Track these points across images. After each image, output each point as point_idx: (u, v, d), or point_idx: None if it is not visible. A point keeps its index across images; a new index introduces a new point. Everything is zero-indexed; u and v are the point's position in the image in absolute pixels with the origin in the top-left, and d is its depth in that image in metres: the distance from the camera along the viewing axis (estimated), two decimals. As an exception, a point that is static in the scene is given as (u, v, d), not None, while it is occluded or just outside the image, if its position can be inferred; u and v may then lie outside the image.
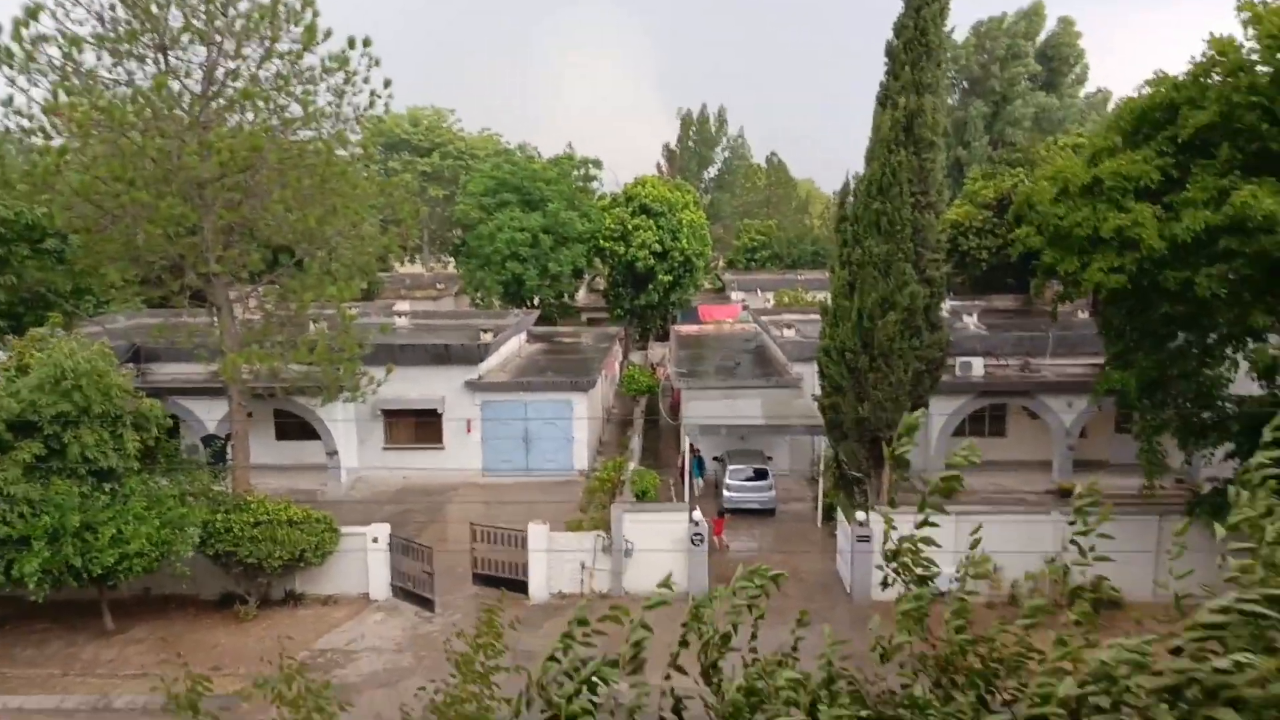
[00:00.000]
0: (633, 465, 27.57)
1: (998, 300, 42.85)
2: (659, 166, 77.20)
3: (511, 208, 44.28)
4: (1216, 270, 16.26)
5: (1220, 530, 3.31)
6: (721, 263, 70.15)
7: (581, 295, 56.86)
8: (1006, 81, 63.71)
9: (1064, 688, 2.89)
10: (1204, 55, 17.60)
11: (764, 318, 42.24)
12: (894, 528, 4.36)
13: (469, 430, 30.64)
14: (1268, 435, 3.73)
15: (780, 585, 4.33)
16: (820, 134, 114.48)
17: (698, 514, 22.32)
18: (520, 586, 22.07)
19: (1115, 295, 18.88)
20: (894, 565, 4.28)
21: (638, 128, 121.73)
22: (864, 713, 3.39)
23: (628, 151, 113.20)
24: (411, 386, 29.89)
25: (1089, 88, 67.60)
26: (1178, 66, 18.43)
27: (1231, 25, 17.64)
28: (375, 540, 22.13)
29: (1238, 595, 2.71)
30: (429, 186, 63.03)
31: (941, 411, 28.25)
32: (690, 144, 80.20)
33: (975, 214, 44.12)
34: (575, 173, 48.57)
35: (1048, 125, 61.62)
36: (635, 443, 31.14)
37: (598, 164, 49.53)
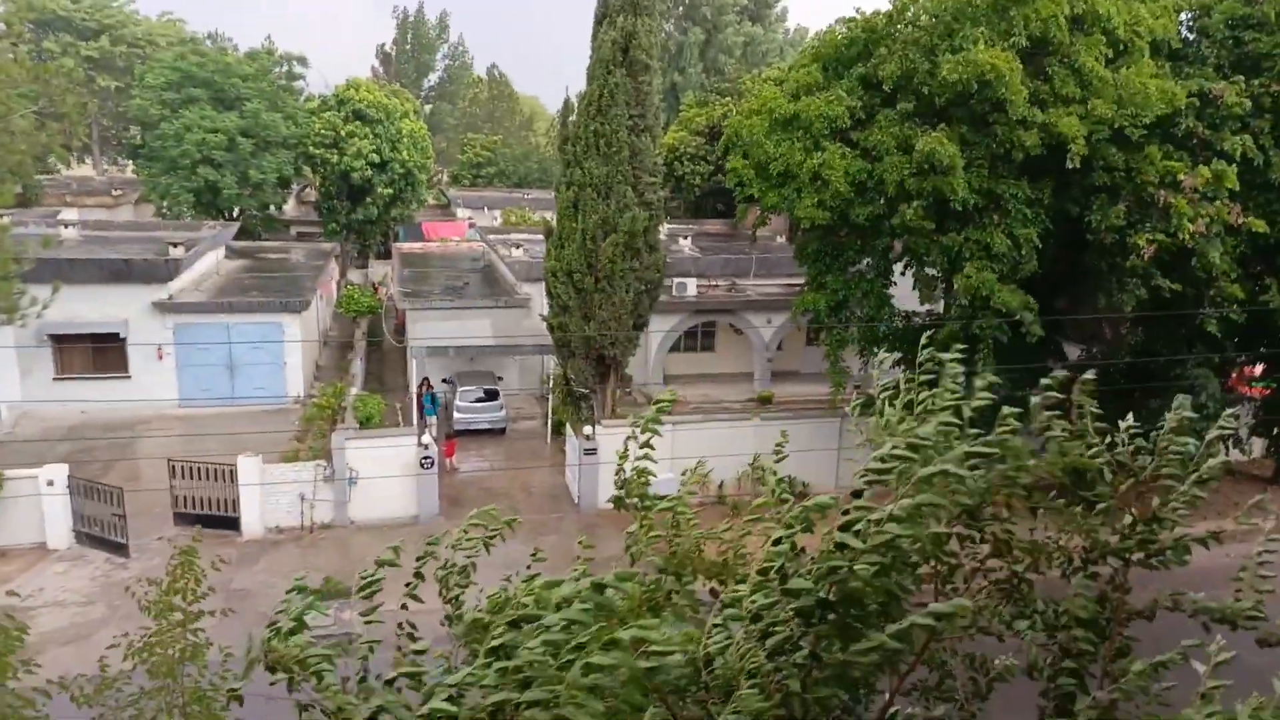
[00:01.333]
0: (355, 390, 26.42)
1: (709, 224, 45.52)
2: (374, 70, 72.20)
3: (201, 105, 39.37)
4: (912, 208, 18.45)
5: (869, 429, 4.22)
6: (446, 178, 67.79)
7: (290, 207, 52.41)
8: (717, 9, 66.50)
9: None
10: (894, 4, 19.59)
11: (491, 236, 41.68)
12: (622, 463, 4.84)
13: (160, 357, 27.52)
14: (922, 352, 4.45)
15: (514, 528, 4.50)
16: (546, 47, 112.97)
17: (427, 437, 21.99)
18: (231, 523, 20.60)
19: (811, 226, 20.85)
20: (624, 493, 4.82)
21: (348, 25, 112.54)
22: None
23: (337, 51, 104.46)
24: (87, 308, 26.17)
25: (790, 24, 72.47)
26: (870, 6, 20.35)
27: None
28: (50, 483, 19.48)
29: (882, 452, 3.44)
30: (98, 76, 54.25)
31: (659, 328, 29.83)
32: (407, 48, 75.69)
33: (689, 140, 46.21)
34: (277, 70, 44.10)
35: (754, 57, 65.41)
36: (357, 366, 29.80)
37: (303, 61, 45.39)
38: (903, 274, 21.52)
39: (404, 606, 4.67)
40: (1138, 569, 4.33)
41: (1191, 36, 19.84)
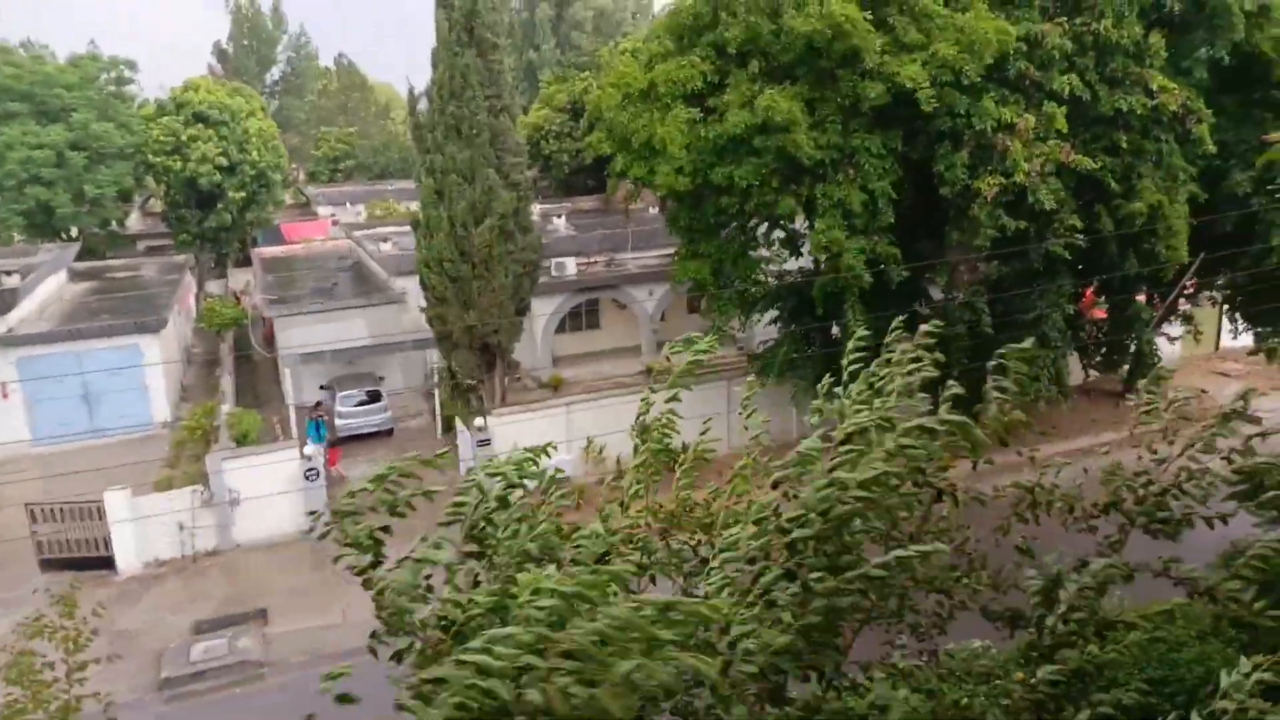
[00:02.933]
0: (227, 408, 25.12)
1: (582, 201, 45.30)
2: (211, 68, 68.18)
3: (23, 120, 36.27)
4: (752, 165, 18.79)
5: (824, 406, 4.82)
6: (302, 176, 64.96)
7: (135, 221, 49.15)
8: (565, -16, 65.85)
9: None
10: None
11: (358, 232, 40.24)
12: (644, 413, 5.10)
13: (4, 395, 25.42)
14: (849, 350, 4.84)
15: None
16: (395, 31, 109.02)
17: (310, 448, 21.17)
18: (106, 563, 19.35)
19: (677, 194, 21.00)
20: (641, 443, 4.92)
21: (178, 24, 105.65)
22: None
23: (170, 51, 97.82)
24: (-89, 351, 23.89)
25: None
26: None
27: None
28: (-110, 548, 17.76)
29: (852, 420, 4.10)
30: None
31: (543, 311, 29.59)
32: (246, 43, 71.78)
33: (553, 118, 45.73)
34: (104, 76, 40.98)
35: (607, 28, 65.16)
36: (226, 382, 28.30)
37: (131, 65, 42.23)
38: (766, 236, 21.97)
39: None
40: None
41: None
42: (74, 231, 39.12)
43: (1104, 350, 26.20)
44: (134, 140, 39.00)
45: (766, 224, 21.95)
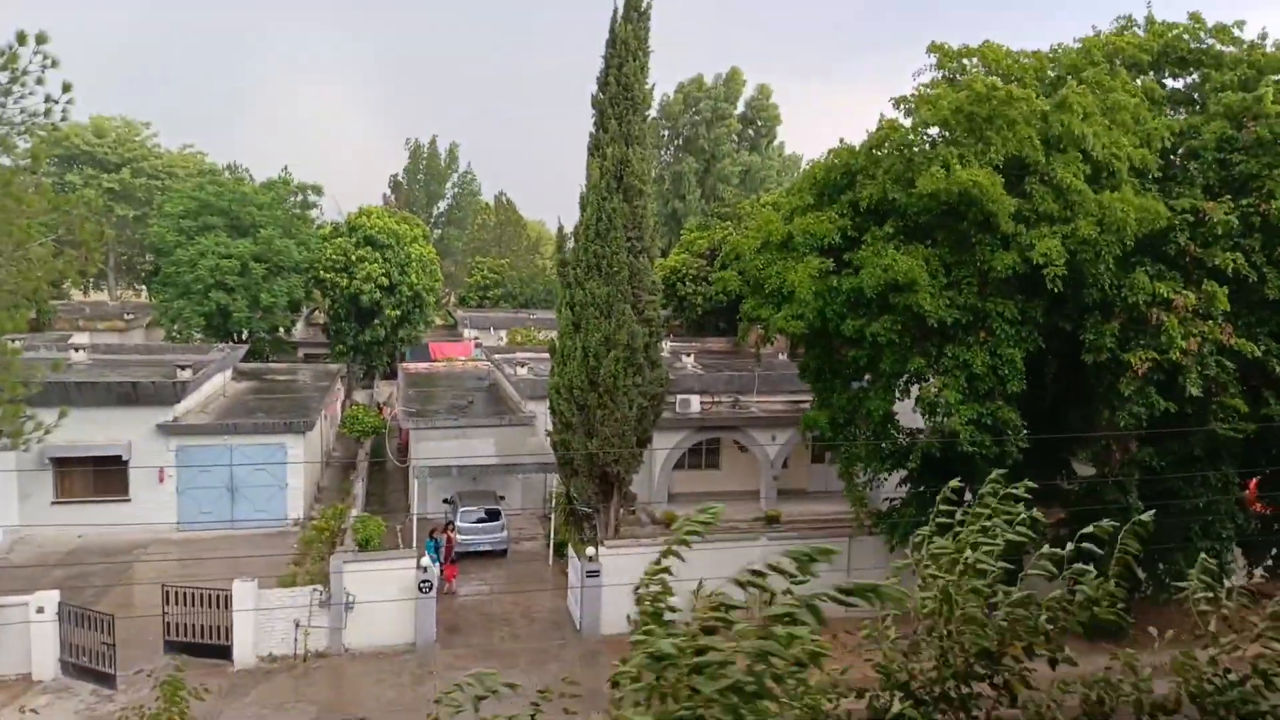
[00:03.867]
0: (355, 511, 26.11)
1: (712, 342, 45.99)
2: (385, 198, 74.82)
3: (217, 232, 40.65)
4: (885, 321, 18.75)
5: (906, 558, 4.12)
6: (454, 300, 69.08)
7: (299, 329, 53.29)
8: (714, 141, 69.45)
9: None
10: (876, 131, 20.43)
11: (497, 356, 42.10)
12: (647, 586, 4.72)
13: (161, 479, 27.35)
14: (941, 499, 4.51)
15: (516, 690, 4.34)
16: (550, 177, 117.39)
17: (426, 560, 21.55)
18: (223, 652, 19.96)
19: (809, 341, 21.07)
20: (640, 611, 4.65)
21: (364, 158, 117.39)
22: None
23: (353, 181, 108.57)
24: (91, 431, 26.19)
25: (786, 150, 75.40)
26: (857, 136, 21.26)
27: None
28: (40, 610, 19.00)
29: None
30: (116, 205, 56.21)
31: (664, 445, 29.69)
32: (419, 177, 78.64)
33: (691, 262, 47.33)
34: (292, 199, 45.72)
35: (752, 183, 67.80)
36: (359, 487, 29.54)
37: (318, 190, 47.07)
38: (905, 392, 21.55)
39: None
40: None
41: (1178, 160, 20.48)
42: (245, 334, 42.71)
43: (1274, 550, 23.77)
44: (309, 256, 42.86)
45: (898, 377, 21.61)
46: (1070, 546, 4.04)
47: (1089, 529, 4.11)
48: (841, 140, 21.31)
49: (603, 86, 24.07)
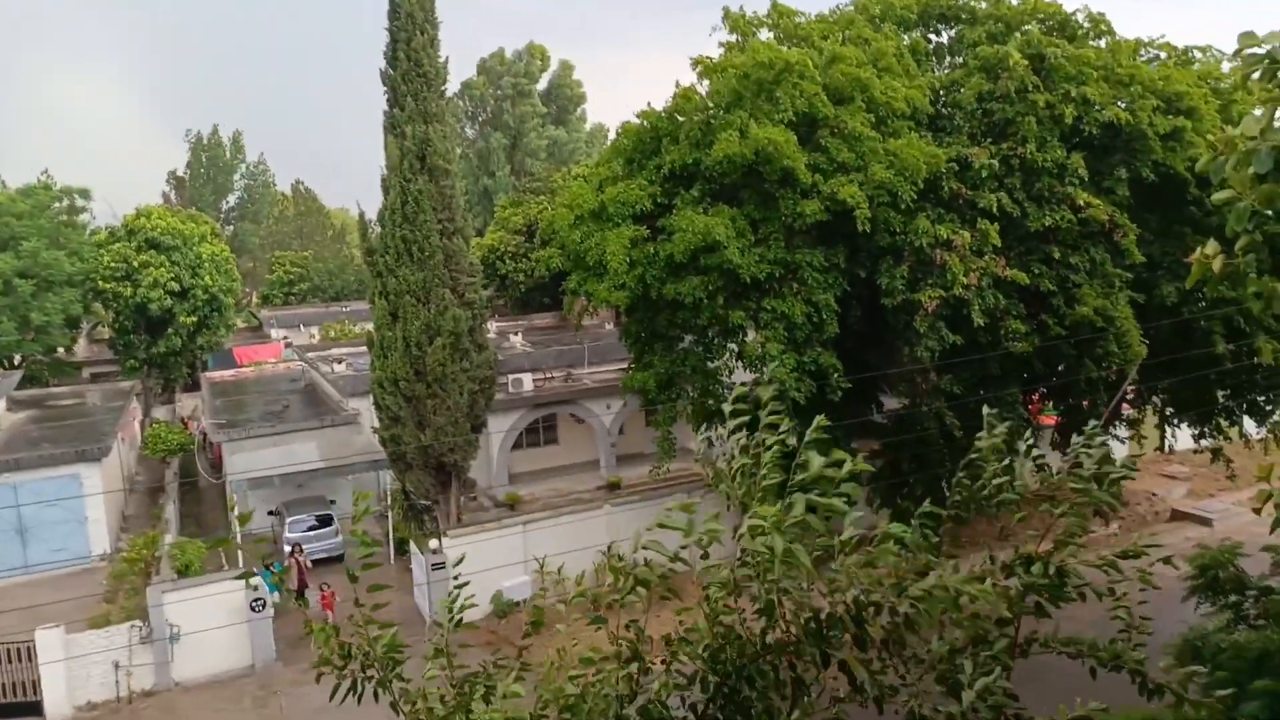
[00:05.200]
0: (170, 537, 24.18)
1: (538, 319, 45.84)
2: (166, 196, 68.87)
3: (-32, 249, 35.98)
4: (698, 281, 19.35)
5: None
6: (256, 299, 64.89)
7: (81, 347, 48.32)
8: (518, 117, 68.75)
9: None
10: (673, 99, 20.91)
11: (311, 354, 40.01)
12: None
13: (-67, 530, 24.17)
14: (763, 418, 4.62)
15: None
16: (349, 160, 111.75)
17: (256, 578, 20.30)
18: (34, 709, 18.08)
19: (630, 308, 21.38)
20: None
21: (136, 155, 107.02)
22: None
23: (126, 182, 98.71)
24: None
25: (590, 123, 75.69)
26: (661, 101, 21.63)
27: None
28: None
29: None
30: None
31: (499, 428, 29.38)
32: (202, 170, 72.86)
33: (509, 239, 46.81)
34: (56, 204, 41.08)
35: (560, 156, 67.71)
36: (170, 511, 27.33)
37: (85, 194, 42.45)
38: (720, 349, 22.31)
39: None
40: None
41: (946, 111, 22.30)
42: (16, 359, 38.24)
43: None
44: (84, 267, 38.78)
45: (723, 337, 22.37)
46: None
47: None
48: (649, 104, 21.66)
49: (392, 62, 23.16)
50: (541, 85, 71.93)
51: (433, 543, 21.86)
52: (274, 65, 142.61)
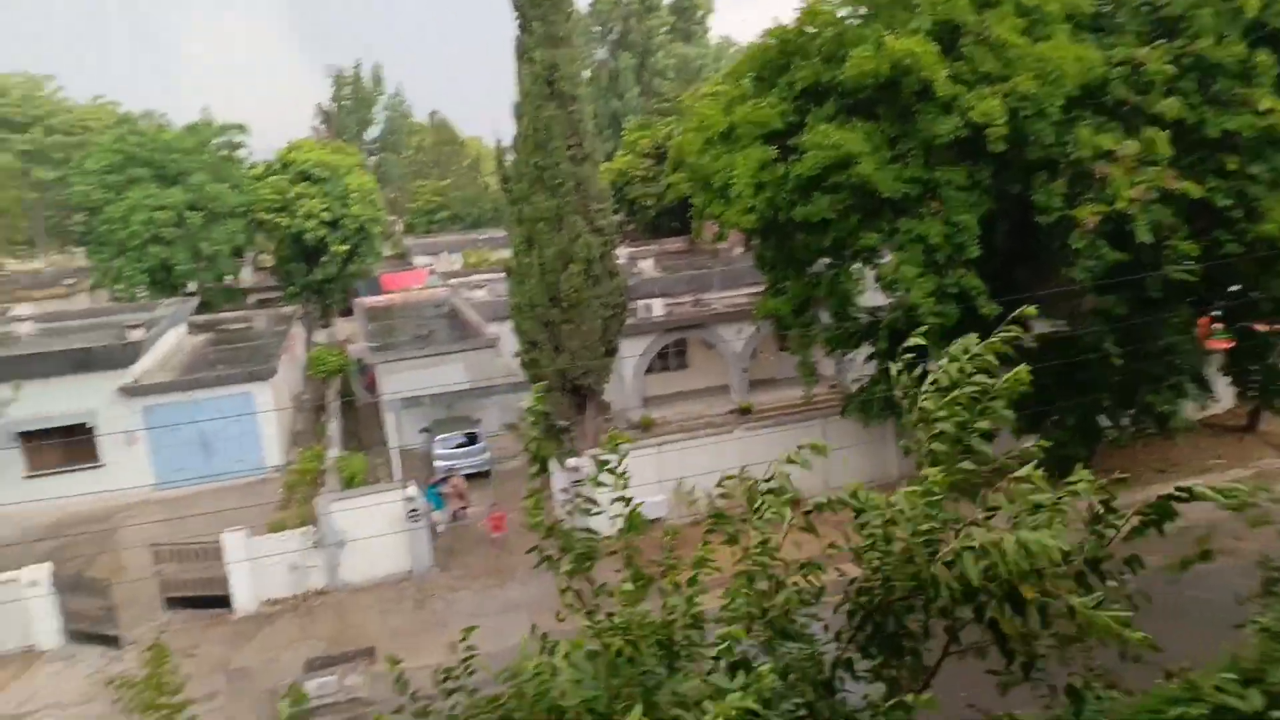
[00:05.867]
0: (334, 451, 26.18)
1: (668, 243, 45.82)
2: (315, 130, 72.15)
3: (145, 184, 39.08)
4: (828, 201, 18.76)
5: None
6: (400, 228, 67.75)
7: (247, 275, 52.05)
8: (645, 34, 67.40)
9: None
10: (802, 12, 20.02)
11: (453, 280, 41.63)
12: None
13: (132, 442, 27.09)
14: (910, 341, 4.59)
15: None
16: (480, 91, 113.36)
17: (412, 489, 21.80)
18: (224, 601, 20.26)
19: (761, 231, 21.05)
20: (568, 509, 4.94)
21: (283, 88, 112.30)
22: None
23: (276, 115, 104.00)
24: (51, 401, 25.78)
25: (716, 35, 73.55)
26: (789, 14, 20.74)
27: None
28: (34, 584, 19.05)
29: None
30: (34, 168, 53.66)
31: (631, 352, 29.92)
32: (346, 104, 75.75)
33: (638, 163, 46.62)
34: (217, 140, 43.90)
35: (689, 74, 66.27)
36: (333, 427, 29.52)
37: (243, 129, 45.13)
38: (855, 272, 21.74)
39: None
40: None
41: (1107, 9, 20.37)
42: (191, 287, 41.67)
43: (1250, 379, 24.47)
44: (245, 199, 41.49)
45: (855, 259, 21.78)
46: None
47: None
48: (775, 20, 20.86)
49: (522, -15, 23.08)
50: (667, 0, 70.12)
51: (570, 460, 22.73)
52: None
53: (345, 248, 43.21)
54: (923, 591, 3.76)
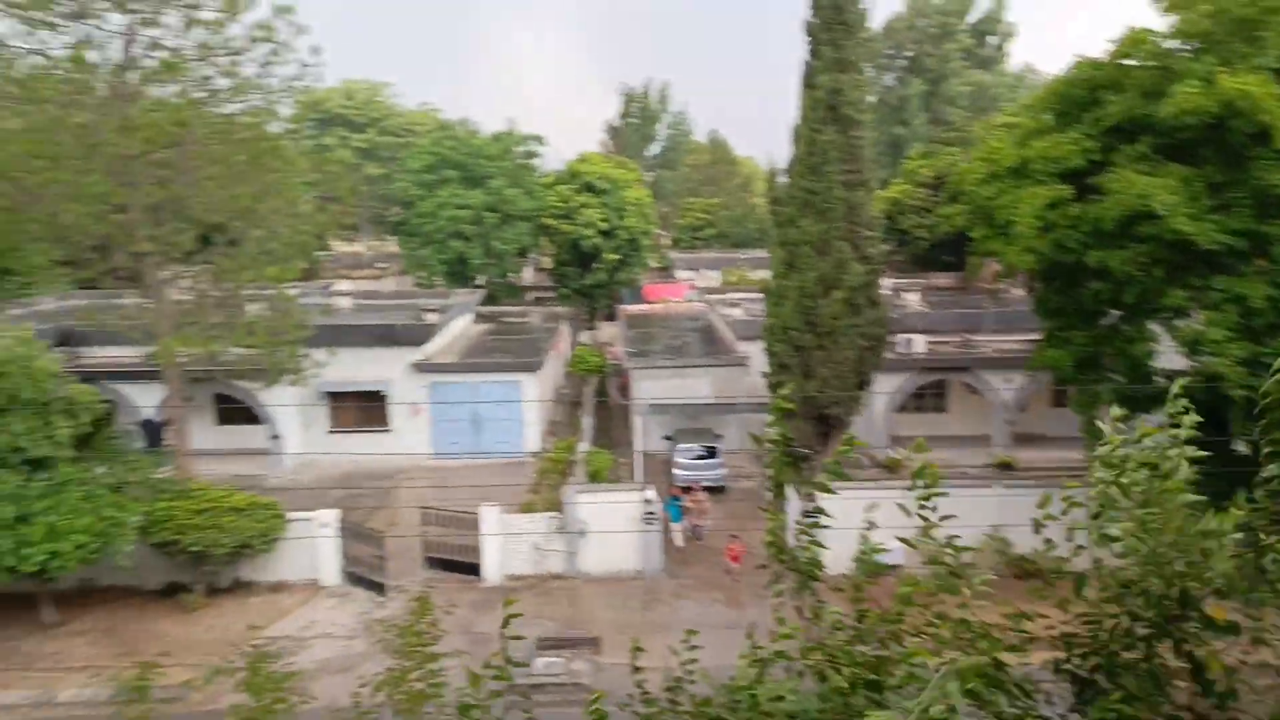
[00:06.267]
0: (584, 445, 27.65)
1: (938, 278, 43.75)
2: (602, 143, 76.75)
3: (453, 184, 43.68)
4: (1130, 252, 16.94)
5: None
6: (667, 241, 70.23)
7: (528, 275, 56.45)
8: (940, 59, 64.71)
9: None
10: (1120, 43, 18.25)
11: (710, 297, 42.50)
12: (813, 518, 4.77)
13: (417, 413, 30.33)
14: (1171, 404, 4.05)
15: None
16: (761, 113, 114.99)
17: (651, 493, 22.51)
18: (473, 569, 22.06)
19: (1046, 275, 19.47)
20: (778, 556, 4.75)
21: (579, 104, 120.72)
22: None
23: (570, 128, 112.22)
24: (356, 368, 29.48)
25: (1017, 64, 69.00)
26: (1096, 46, 19.09)
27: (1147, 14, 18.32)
28: (324, 526, 21.87)
29: None
30: (365, 164, 61.72)
31: (885, 388, 28.87)
32: (633, 121, 79.84)
33: (914, 192, 44.92)
34: (517, 149, 48.08)
35: (983, 102, 62.80)
36: (586, 423, 31.22)
37: (540, 140, 49.09)
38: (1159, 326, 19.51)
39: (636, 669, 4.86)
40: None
41: None
42: (481, 280, 45.92)
43: None
44: (535, 205, 45.09)
45: (1152, 313, 19.56)
46: None
47: None
48: (1079, 56, 19.24)
49: (816, 10, 23.09)
50: (967, 24, 66.93)
51: (806, 490, 22.36)
52: (703, 19, 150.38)
53: (616, 257, 45.60)
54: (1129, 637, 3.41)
